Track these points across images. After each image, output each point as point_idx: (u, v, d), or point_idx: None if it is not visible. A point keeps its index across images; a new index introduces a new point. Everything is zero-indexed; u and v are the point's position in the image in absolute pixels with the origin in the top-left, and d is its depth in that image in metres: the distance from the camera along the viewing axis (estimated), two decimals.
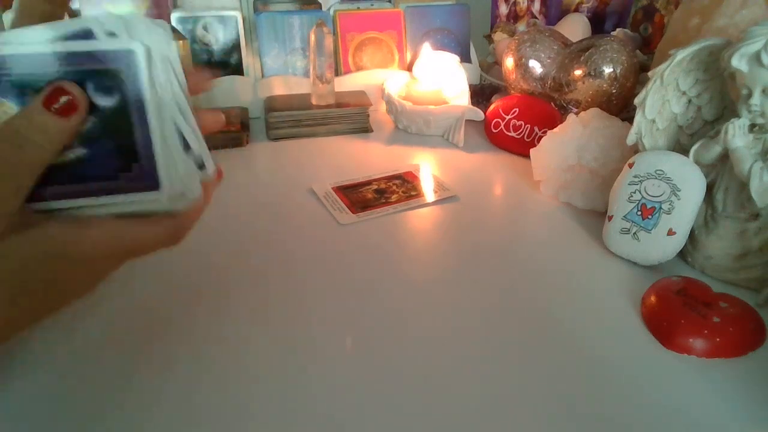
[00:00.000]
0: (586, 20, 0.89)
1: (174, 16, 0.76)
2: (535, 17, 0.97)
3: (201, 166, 0.29)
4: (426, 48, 0.81)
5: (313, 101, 0.77)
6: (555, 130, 0.61)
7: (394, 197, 0.60)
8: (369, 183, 0.63)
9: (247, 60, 0.81)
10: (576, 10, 0.94)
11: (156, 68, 0.26)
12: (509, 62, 0.75)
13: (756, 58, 0.40)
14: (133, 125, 0.26)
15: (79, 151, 0.26)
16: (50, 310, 0.27)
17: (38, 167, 0.25)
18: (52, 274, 0.26)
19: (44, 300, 0.26)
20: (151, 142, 0.27)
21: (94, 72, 0.25)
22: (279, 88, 0.81)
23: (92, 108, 0.26)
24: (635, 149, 0.52)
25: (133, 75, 0.26)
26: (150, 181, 0.27)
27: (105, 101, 0.26)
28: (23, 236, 0.24)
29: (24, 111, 0.24)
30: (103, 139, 0.26)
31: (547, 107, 0.70)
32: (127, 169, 0.27)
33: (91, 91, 0.26)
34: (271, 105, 0.77)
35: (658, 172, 0.46)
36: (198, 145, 0.29)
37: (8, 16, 0.74)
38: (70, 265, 0.26)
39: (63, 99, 0.24)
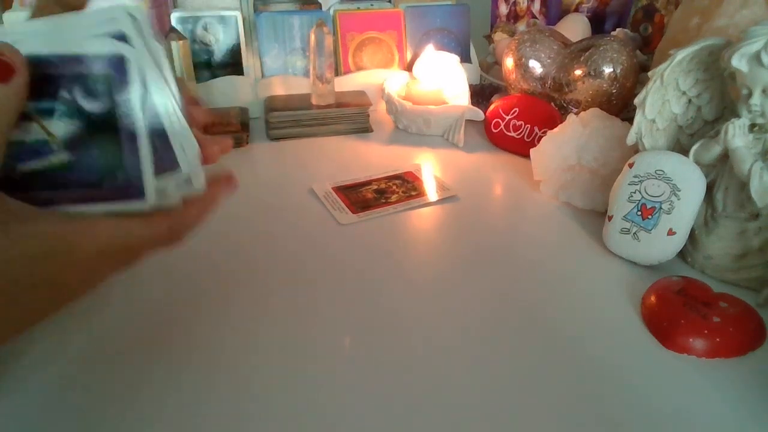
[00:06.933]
0: (586, 20, 0.89)
1: (174, 16, 0.76)
2: (535, 17, 0.97)
3: (188, 181, 0.28)
4: (429, 49, 0.81)
5: (313, 101, 0.77)
6: (555, 130, 0.61)
7: (394, 197, 0.60)
8: (369, 183, 0.63)
9: (247, 60, 0.81)
10: (576, 10, 0.94)
11: (152, 80, 0.25)
12: (509, 62, 0.75)
13: (756, 58, 0.40)
14: (120, 134, 0.25)
15: (63, 156, 0.25)
16: (48, 311, 0.26)
17: None
18: (50, 272, 0.24)
19: (41, 300, 0.25)
20: (138, 153, 0.26)
21: (82, 75, 0.25)
22: (279, 88, 0.81)
23: (79, 112, 0.25)
24: (635, 149, 0.52)
25: (123, 83, 0.25)
26: (134, 190, 0.26)
27: (92, 106, 0.25)
28: (21, 229, 0.23)
29: None
30: (88, 145, 0.25)
31: (547, 107, 0.70)
32: (111, 177, 0.26)
33: (77, 94, 0.25)
34: (271, 105, 0.77)
35: (658, 172, 0.46)
36: (187, 162, 0.27)
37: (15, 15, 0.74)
38: (69, 262, 0.25)
39: None
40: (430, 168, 0.68)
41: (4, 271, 0.23)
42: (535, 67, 0.73)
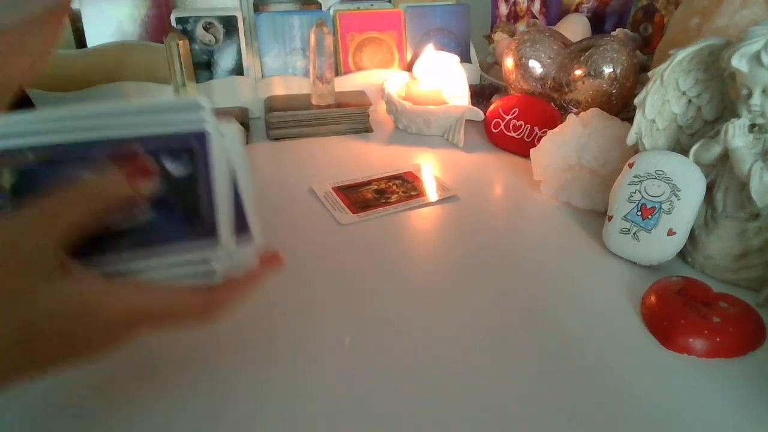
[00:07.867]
0: (586, 20, 0.89)
1: (174, 16, 0.76)
2: (535, 17, 0.97)
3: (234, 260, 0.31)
4: (429, 49, 0.81)
5: (313, 101, 0.77)
6: (555, 130, 0.61)
7: (394, 197, 0.60)
8: (369, 183, 0.63)
9: (247, 60, 0.81)
10: (576, 10, 0.94)
11: (227, 151, 0.29)
12: (509, 62, 0.75)
13: (756, 58, 0.40)
14: (200, 195, 0.28)
15: (150, 215, 0.28)
16: (58, 365, 0.26)
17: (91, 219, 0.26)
18: (71, 329, 0.25)
19: (55, 353, 0.25)
20: (216, 211, 0.28)
21: (169, 147, 0.28)
22: (279, 88, 0.81)
23: (165, 175, 0.27)
24: (635, 149, 0.52)
25: (206, 154, 0.28)
26: (210, 241, 0.29)
27: (178, 171, 0.28)
28: (56, 288, 0.24)
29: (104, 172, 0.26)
30: (173, 204, 0.28)
31: (547, 107, 0.70)
32: (191, 234, 0.28)
33: (166, 160, 0.27)
34: (271, 105, 0.77)
35: (658, 172, 0.46)
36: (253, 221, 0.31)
37: None
38: (92, 322, 0.25)
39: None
40: (430, 168, 0.68)
41: (30, 324, 0.24)
42: (535, 67, 0.73)
